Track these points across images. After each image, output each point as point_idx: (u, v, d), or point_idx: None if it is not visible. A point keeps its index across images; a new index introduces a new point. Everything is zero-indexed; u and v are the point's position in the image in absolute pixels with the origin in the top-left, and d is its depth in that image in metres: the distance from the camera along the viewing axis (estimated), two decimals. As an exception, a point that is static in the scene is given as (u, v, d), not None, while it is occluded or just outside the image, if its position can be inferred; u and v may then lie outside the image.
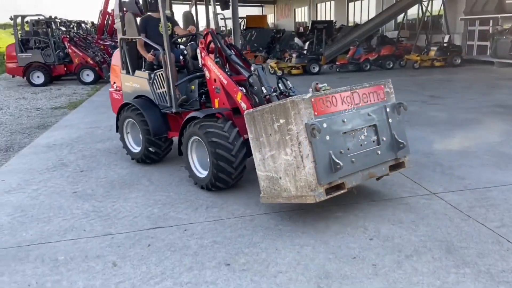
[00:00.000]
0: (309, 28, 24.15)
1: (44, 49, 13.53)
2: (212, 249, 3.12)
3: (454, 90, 9.43)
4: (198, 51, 4.62)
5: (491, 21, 14.82)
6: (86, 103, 10.14)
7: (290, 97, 3.26)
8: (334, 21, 24.63)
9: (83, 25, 22.02)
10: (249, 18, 29.55)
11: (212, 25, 5.63)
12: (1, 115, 8.87)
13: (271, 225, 3.46)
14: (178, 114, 4.87)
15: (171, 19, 5.32)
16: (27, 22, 15.68)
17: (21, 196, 4.26)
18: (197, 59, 4.72)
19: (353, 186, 3.39)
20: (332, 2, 29.05)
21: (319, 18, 30.94)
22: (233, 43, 5.40)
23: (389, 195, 3.94)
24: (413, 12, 18.99)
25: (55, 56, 13.48)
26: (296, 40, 18.46)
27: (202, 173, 4.24)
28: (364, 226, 3.36)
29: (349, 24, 24.46)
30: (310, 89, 3.69)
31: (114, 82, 5.82)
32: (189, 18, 5.59)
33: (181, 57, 5.13)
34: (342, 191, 3.28)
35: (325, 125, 3.17)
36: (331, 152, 3.17)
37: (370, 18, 21.42)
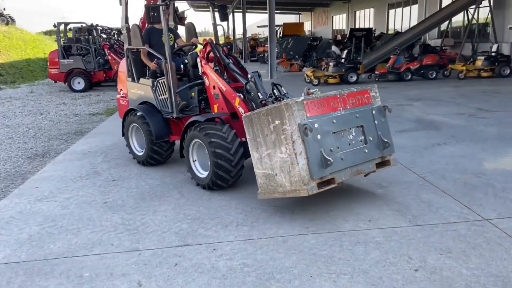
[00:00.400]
0: (347, 36, 23.73)
1: (85, 55, 13.92)
2: (242, 272, 2.92)
3: (504, 103, 8.84)
4: (198, 60, 4.93)
5: (544, 29, 13.92)
6: (122, 109, 10.25)
7: (284, 100, 3.63)
8: (373, 28, 24.09)
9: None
10: (285, 25, 29.48)
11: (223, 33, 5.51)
12: (41, 120, 9.11)
13: (305, 248, 3.23)
14: (179, 119, 5.21)
15: (173, 31, 5.76)
16: (70, 29, 16.22)
17: (52, 205, 4.24)
18: (197, 67, 5.03)
19: (342, 181, 3.77)
20: (372, 9, 28.46)
21: (357, 26, 30.40)
22: (231, 53, 5.71)
23: (435, 219, 3.61)
24: (457, 19, 18.22)
25: (95, 62, 13.83)
26: (334, 48, 18.12)
27: (203, 173, 4.54)
28: (408, 255, 3.06)
29: (389, 32, 23.82)
30: (303, 94, 3.90)
31: (121, 89, 6.07)
32: (191, 30, 6.01)
33: (181, 66, 5.38)
34: (333, 186, 3.61)
35: (316, 125, 3.49)
36: (322, 150, 3.50)
37: (411, 25, 20.82)
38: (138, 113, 5.29)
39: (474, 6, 15.26)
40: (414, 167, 4.92)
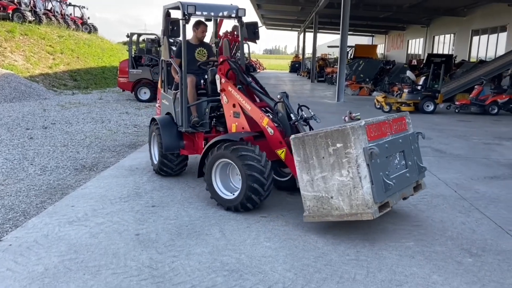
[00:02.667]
0: (424, 61, 22.26)
1: (154, 66, 14.05)
2: None
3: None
4: (217, 76, 4.79)
5: None
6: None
7: (347, 124, 3.56)
8: (453, 55, 22.38)
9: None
10: (358, 47, 28.47)
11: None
12: (100, 129, 9.07)
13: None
14: (192, 134, 5.28)
15: (207, 47, 5.68)
16: (143, 40, 16.61)
17: (81, 231, 3.81)
18: (215, 83, 4.95)
19: (394, 204, 3.75)
20: (452, 35, 26.59)
21: (435, 51, 28.57)
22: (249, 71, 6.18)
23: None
24: (555, 50, 16.21)
25: (162, 74, 13.89)
26: (408, 73, 16.84)
27: (228, 195, 4.38)
28: None
29: (472, 60, 21.97)
30: (345, 117, 4.11)
31: (159, 98, 6.16)
32: (227, 47, 6.05)
33: (202, 81, 5.35)
34: (388, 209, 3.62)
35: (377, 149, 3.48)
36: (382, 174, 3.55)
37: (497, 54, 18.95)
38: (155, 123, 5.45)
39: None
40: (514, 230, 3.92)
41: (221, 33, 25.83)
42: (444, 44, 28.70)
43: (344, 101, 15.75)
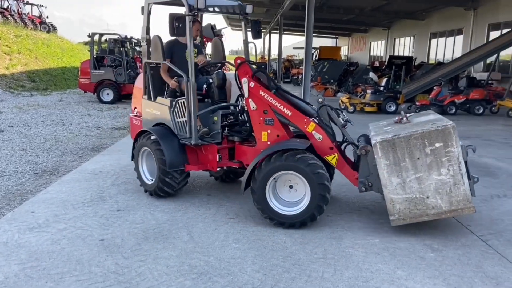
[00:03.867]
0: (386, 63, 22.90)
1: (117, 67, 13.72)
2: None
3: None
4: (244, 80, 4.26)
5: None
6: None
7: (446, 123, 3.67)
8: (413, 57, 23.17)
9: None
10: (322, 48, 28.95)
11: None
12: (61, 132, 8.75)
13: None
14: (197, 146, 4.64)
15: (198, 47, 5.12)
16: (106, 40, 16.19)
17: (43, 237, 3.67)
18: (223, 88, 4.72)
19: None
20: (412, 38, 27.54)
21: (396, 53, 29.48)
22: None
23: (507, 305, 2.79)
24: (505, 52, 17.10)
25: (126, 75, 13.60)
26: (371, 74, 17.28)
27: (287, 210, 3.97)
28: None
29: (430, 62, 22.82)
30: (400, 118, 4.18)
31: (135, 107, 5.54)
32: (218, 47, 5.27)
33: (204, 86, 4.87)
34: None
35: (475, 147, 3.91)
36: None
37: (454, 57, 19.78)
38: (152, 137, 4.62)
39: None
40: (472, 224, 4.09)
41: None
42: (404, 46, 29.68)
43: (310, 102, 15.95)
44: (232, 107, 4.82)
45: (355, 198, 4.81)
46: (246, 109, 4.40)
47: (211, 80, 4.81)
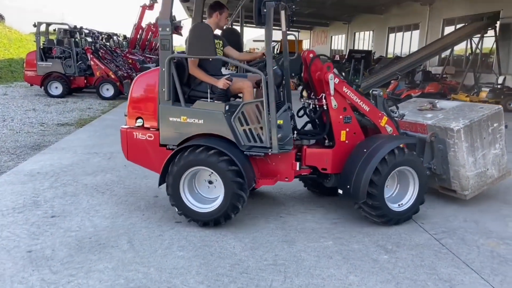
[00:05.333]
0: (346, 56, 23.09)
1: (66, 59, 12.96)
2: None
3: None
4: (330, 76, 3.81)
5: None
6: (96, 121, 9.28)
7: (496, 107, 4.61)
8: (372, 51, 23.50)
9: (114, 37, 21.74)
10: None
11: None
12: (0, 128, 8.08)
13: None
14: (262, 157, 3.87)
15: (221, 38, 4.22)
16: (54, 30, 15.28)
17: (-42, 251, 3.24)
18: (279, 86, 4.00)
19: None
20: (371, 32, 27.98)
21: (356, 47, 29.87)
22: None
23: (460, 310, 2.68)
24: (459, 47, 17.62)
25: (75, 67, 12.87)
26: (332, 68, 17.34)
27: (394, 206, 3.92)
28: None
29: (388, 56, 23.23)
30: (428, 105, 4.98)
31: (138, 118, 4.03)
32: (235, 36, 4.63)
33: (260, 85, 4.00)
34: None
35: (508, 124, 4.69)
36: None
37: (411, 51, 20.19)
38: (212, 151, 3.63)
39: (478, 36, 14.68)
40: (426, 222, 4.00)
41: (143, 24, 24.77)
42: (364, 40, 30.12)
43: (270, 96, 15.77)
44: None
45: (310, 198, 4.64)
46: (326, 108, 3.96)
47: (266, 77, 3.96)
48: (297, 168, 3.92)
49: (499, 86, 12.80)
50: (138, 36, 24.26)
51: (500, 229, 3.88)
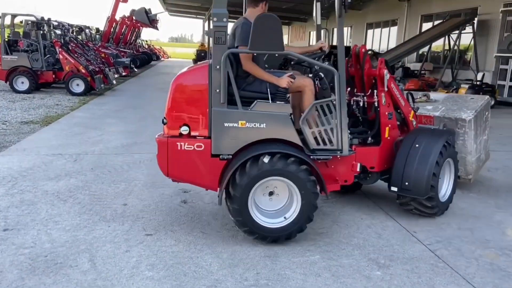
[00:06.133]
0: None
1: (33, 52, 12.23)
2: None
3: (497, 138, 7.89)
4: (385, 72, 3.77)
5: (528, 61, 13.36)
6: (64, 118, 8.70)
7: (485, 96, 5.19)
8: (350, 47, 23.37)
9: (87, 30, 20.91)
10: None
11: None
12: (-44, 127, 7.44)
13: None
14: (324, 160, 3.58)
15: None
16: (21, 22, 14.46)
17: None
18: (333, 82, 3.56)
19: None
20: (350, 28, 27.90)
21: (334, 43, 29.72)
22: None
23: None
24: (436, 44, 17.65)
25: (43, 61, 12.15)
26: (311, 64, 17.10)
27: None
28: None
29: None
30: (422, 96, 5.19)
31: (183, 125, 3.37)
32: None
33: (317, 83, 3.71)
34: None
35: None
36: None
37: (389, 47, 20.14)
38: (291, 158, 3.24)
39: (456, 32, 14.67)
40: (418, 231, 3.72)
41: (117, 17, 23.94)
42: (342, 36, 29.95)
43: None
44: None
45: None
46: (377, 104, 3.83)
47: (322, 75, 3.73)
48: (358, 169, 3.71)
49: (478, 83, 12.78)
50: (112, 30, 23.52)
51: (497, 237, 3.63)
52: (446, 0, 17.20)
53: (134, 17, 24.91)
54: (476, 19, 15.14)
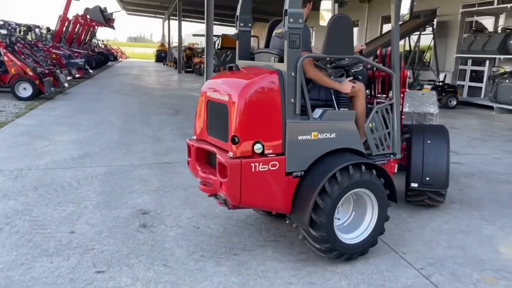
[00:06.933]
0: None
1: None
2: None
3: (466, 141, 7.82)
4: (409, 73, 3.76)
5: (487, 62, 13.66)
6: (7, 127, 7.83)
7: (431, 91, 6.56)
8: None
9: (36, 30, 19.60)
10: (225, 37, 27.99)
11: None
12: None
13: None
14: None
15: None
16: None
17: None
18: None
19: None
20: (312, 29, 27.89)
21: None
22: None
23: None
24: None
25: (-15, 63, 11.09)
26: (275, 65, 16.79)
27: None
28: None
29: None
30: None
31: (256, 142, 2.86)
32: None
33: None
34: None
35: None
36: None
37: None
38: (373, 169, 3.13)
39: (417, 33, 14.79)
40: (407, 252, 3.37)
41: (70, 16, 22.69)
42: (304, 37, 29.94)
43: (212, 94, 14.84)
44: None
45: (269, 223, 3.86)
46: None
47: (360, 78, 3.79)
48: (395, 170, 3.72)
49: (440, 83, 12.89)
50: (64, 29, 22.27)
51: (491, 257, 3.33)
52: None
53: (88, 16, 23.74)
54: (435, 20, 15.35)
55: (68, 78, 14.98)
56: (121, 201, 4.29)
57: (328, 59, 3.87)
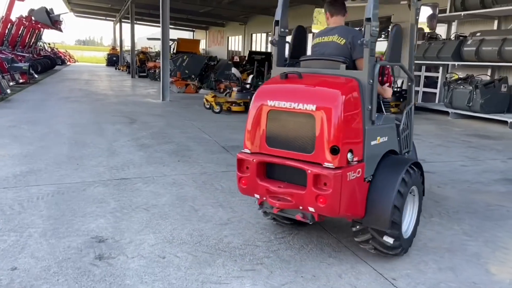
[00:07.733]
0: (246, 58, 22.50)
1: None
2: None
3: (430, 147, 7.84)
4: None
5: (440, 68, 14.07)
6: None
7: None
8: (271, 52, 23.25)
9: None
10: (181, 41, 27.32)
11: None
12: None
13: None
14: None
15: None
16: None
17: None
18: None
19: None
20: (265, 34, 27.90)
21: (254, 49, 29.58)
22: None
23: None
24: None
25: None
26: (234, 70, 16.42)
27: None
28: None
29: (287, 58, 23.19)
30: None
31: (349, 151, 2.86)
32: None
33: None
34: None
35: None
36: None
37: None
38: (418, 168, 3.42)
39: (374, 39, 15.01)
40: (397, 277, 3.09)
41: (13, 17, 21.27)
42: (260, 42, 30.00)
43: (170, 100, 14.27)
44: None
45: (243, 247, 3.47)
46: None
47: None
48: None
49: (398, 89, 13.08)
50: (7, 31, 20.84)
51: (483, 278, 3.13)
52: (361, 8, 17.66)
53: (33, 18, 22.37)
54: (390, 27, 15.66)
55: (11, 83, 13.91)
56: (72, 227, 3.75)
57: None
